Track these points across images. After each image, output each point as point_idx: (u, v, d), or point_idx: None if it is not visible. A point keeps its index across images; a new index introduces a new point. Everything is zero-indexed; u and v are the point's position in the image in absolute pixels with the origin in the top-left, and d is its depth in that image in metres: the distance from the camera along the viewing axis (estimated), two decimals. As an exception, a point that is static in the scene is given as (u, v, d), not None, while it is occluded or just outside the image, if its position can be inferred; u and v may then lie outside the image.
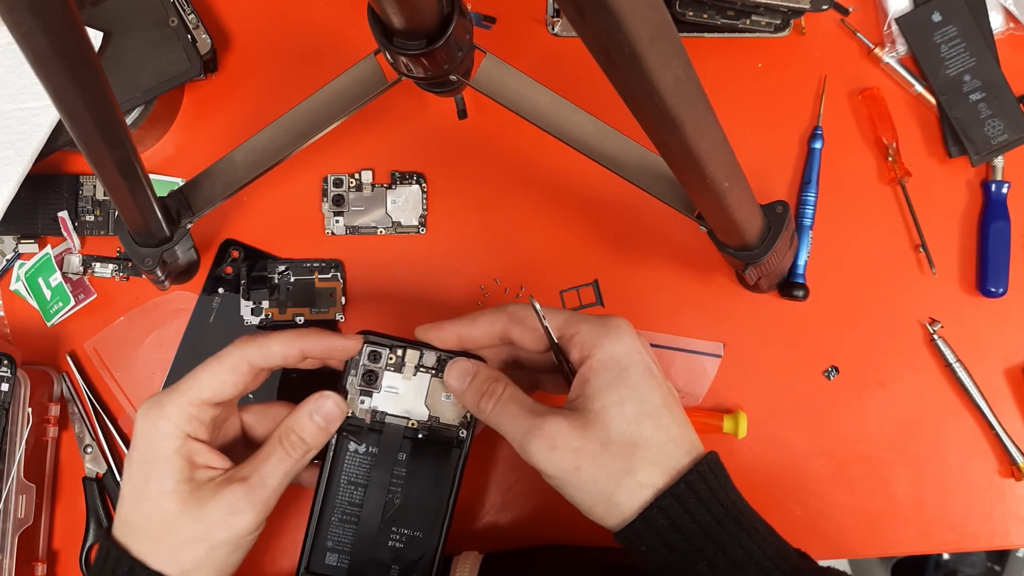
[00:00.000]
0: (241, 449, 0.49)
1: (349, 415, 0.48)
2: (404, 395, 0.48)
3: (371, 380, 0.48)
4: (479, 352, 0.50)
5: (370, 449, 0.48)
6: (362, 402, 0.48)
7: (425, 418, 0.48)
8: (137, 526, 0.45)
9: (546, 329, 0.46)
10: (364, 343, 0.48)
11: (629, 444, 0.42)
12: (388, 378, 0.48)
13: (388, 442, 0.48)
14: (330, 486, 0.48)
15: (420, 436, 0.48)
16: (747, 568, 0.42)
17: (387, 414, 0.48)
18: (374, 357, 0.48)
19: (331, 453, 0.48)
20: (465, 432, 0.48)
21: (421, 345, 0.48)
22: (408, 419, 0.48)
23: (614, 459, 0.42)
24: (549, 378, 0.51)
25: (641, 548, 0.43)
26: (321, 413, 0.47)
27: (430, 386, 0.48)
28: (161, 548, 0.44)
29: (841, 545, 0.64)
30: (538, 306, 0.45)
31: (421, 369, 0.48)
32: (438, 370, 0.48)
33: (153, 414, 0.45)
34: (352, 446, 0.48)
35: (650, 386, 0.44)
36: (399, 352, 0.48)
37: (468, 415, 0.48)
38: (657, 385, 0.45)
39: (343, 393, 0.48)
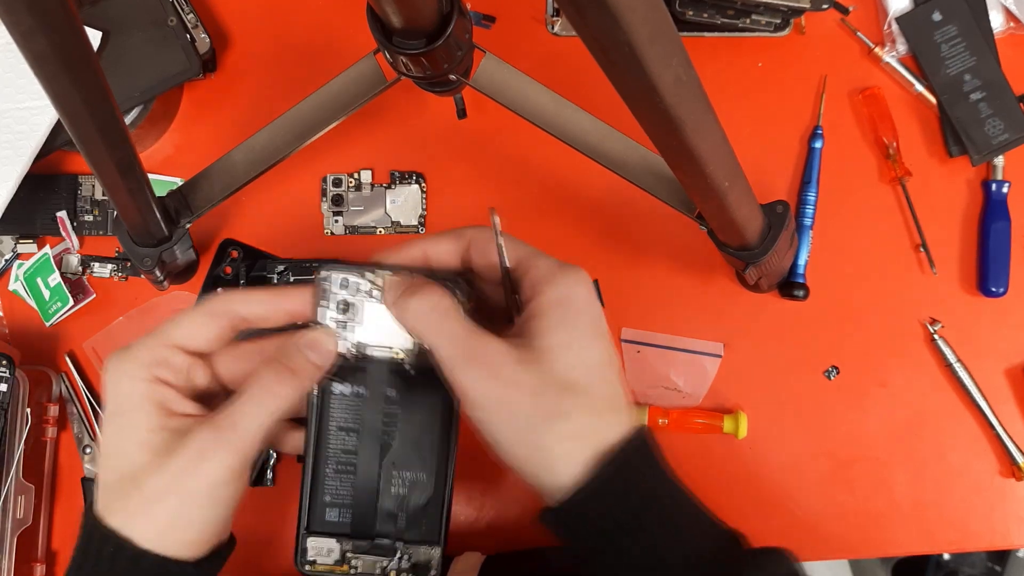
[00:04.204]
0: (223, 400, 0.45)
1: None
2: (383, 324, 0.44)
3: (346, 310, 0.43)
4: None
5: (356, 389, 0.44)
6: (340, 336, 0.44)
7: (410, 346, 0.44)
8: (113, 488, 0.40)
9: (500, 249, 0.42)
10: (333, 271, 0.43)
11: (568, 389, 0.39)
12: (364, 307, 0.44)
13: (374, 378, 0.44)
14: (320, 435, 0.44)
15: (408, 367, 0.44)
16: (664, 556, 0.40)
17: (368, 346, 0.44)
18: (345, 285, 0.43)
19: (316, 400, 0.44)
20: None
21: (393, 268, 0.44)
22: (391, 348, 0.44)
23: (551, 399, 0.38)
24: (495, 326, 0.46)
25: (565, 516, 0.39)
26: (314, 347, 0.42)
27: None
28: (131, 507, 0.39)
29: (841, 545, 0.63)
30: (497, 220, 0.42)
31: None
32: None
33: (120, 358, 0.41)
34: (338, 388, 0.44)
35: (598, 337, 0.41)
36: (369, 276, 0.44)
37: None
38: (605, 340, 0.41)
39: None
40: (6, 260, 0.67)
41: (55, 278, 0.65)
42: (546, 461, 0.39)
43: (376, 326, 0.44)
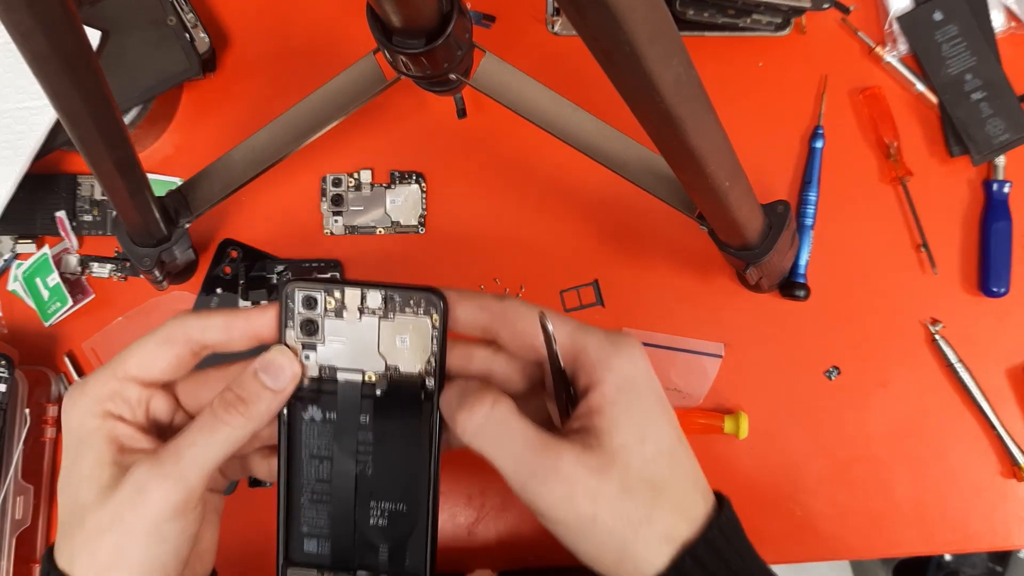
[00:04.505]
0: None
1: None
2: (353, 344, 0.41)
3: (311, 331, 0.40)
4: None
5: (327, 415, 0.41)
6: (306, 358, 0.41)
7: (382, 369, 0.41)
8: (63, 526, 0.38)
9: (553, 355, 0.38)
10: (297, 288, 0.40)
11: (650, 488, 0.37)
12: (330, 326, 0.41)
13: (346, 403, 0.41)
14: (292, 463, 0.42)
15: (380, 392, 0.41)
16: None
17: (337, 368, 0.41)
18: (309, 303, 0.40)
19: (284, 426, 0.41)
20: (432, 381, 0.41)
21: (360, 284, 0.41)
22: (362, 372, 0.41)
23: (634, 506, 0.36)
24: (522, 408, 0.42)
25: None
26: (269, 370, 0.39)
27: (380, 330, 0.41)
28: (75, 545, 0.37)
29: (842, 546, 0.63)
30: (550, 326, 0.37)
31: (366, 312, 0.41)
32: (386, 311, 0.41)
33: (74, 393, 0.38)
34: (307, 414, 0.41)
35: (665, 418, 0.38)
36: (336, 294, 0.40)
37: (433, 360, 0.41)
38: (670, 416, 0.39)
39: None
40: (5, 260, 0.67)
41: (54, 278, 0.65)
42: (629, 563, 0.37)
43: (345, 347, 0.41)
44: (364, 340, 0.41)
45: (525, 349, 0.40)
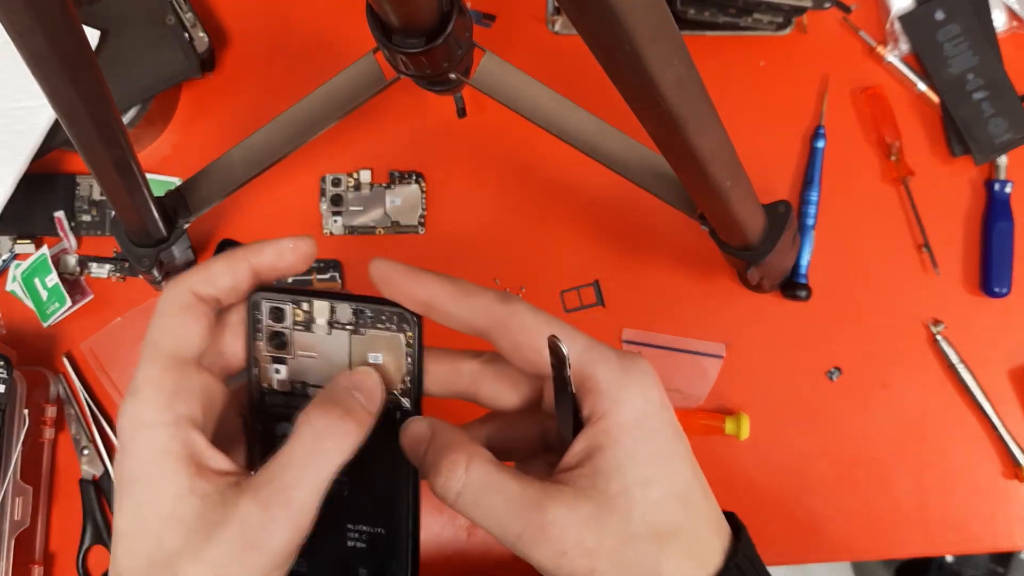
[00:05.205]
0: (239, 441, 0.38)
1: (265, 389, 0.39)
2: (323, 359, 0.39)
3: (280, 344, 0.38)
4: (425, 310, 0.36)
5: None
6: (277, 372, 0.39)
7: None
8: None
9: (564, 382, 0.34)
10: (263, 299, 0.38)
11: (656, 537, 0.33)
12: (300, 340, 0.39)
13: None
14: None
15: None
16: None
17: (307, 385, 0.39)
18: (277, 315, 0.38)
19: (257, 444, 0.39)
20: (408, 401, 0.38)
21: (329, 296, 0.39)
22: None
23: (638, 557, 0.33)
24: (514, 426, 0.39)
25: None
26: (364, 391, 0.35)
27: (351, 346, 0.39)
28: None
29: (844, 547, 0.63)
30: (565, 349, 0.33)
31: (336, 326, 0.39)
32: (356, 326, 0.38)
33: (133, 404, 0.33)
34: (278, 430, 0.39)
35: (679, 455, 0.35)
36: (304, 307, 0.38)
37: (408, 379, 0.38)
38: (683, 453, 0.35)
39: (251, 363, 0.38)
40: (3, 260, 0.67)
41: (53, 278, 0.65)
42: None
43: (315, 362, 0.39)
44: (335, 355, 0.39)
45: (526, 364, 0.36)
